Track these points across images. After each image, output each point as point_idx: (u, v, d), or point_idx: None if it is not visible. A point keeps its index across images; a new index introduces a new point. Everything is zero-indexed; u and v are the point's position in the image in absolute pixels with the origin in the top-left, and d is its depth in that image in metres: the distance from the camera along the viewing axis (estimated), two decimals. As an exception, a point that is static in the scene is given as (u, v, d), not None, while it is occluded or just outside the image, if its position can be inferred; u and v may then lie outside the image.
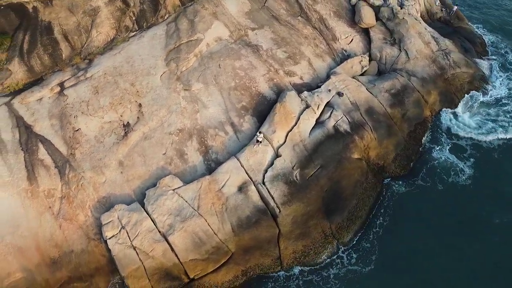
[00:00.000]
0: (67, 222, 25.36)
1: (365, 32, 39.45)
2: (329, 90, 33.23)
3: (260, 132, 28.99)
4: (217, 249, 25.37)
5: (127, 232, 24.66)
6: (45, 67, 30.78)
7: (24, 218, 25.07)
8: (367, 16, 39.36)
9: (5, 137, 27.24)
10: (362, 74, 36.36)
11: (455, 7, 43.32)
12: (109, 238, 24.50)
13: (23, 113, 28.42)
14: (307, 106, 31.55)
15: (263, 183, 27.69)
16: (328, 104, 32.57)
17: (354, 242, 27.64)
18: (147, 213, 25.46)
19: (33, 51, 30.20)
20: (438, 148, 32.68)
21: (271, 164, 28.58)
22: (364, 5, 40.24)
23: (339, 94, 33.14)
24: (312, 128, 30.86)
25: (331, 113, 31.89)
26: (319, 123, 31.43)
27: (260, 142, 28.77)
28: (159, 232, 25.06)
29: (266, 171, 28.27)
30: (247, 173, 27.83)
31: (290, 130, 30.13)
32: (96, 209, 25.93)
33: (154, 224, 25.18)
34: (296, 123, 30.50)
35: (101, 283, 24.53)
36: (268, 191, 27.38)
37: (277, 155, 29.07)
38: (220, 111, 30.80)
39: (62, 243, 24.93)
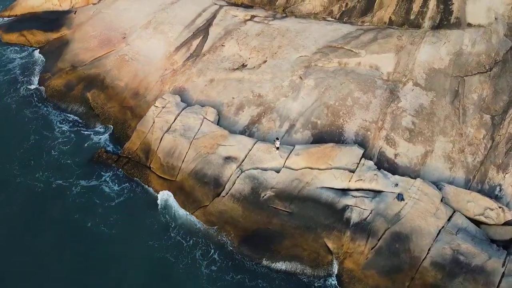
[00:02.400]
0: (161, 82, 36.04)
1: (559, 199, 26.88)
2: (396, 185, 27.45)
3: (277, 138, 29.13)
4: (172, 168, 30.62)
5: (161, 111, 33.18)
6: (261, 3, 39.53)
7: (154, 63, 37.37)
8: None
9: (197, 21, 39.09)
10: (476, 222, 26.76)
11: None
12: (154, 106, 33.82)
13: (219, 16, 39.06)
14: (352, 171, 27.92)
15: (243, 171, 29.15)
16: (376, 193, 27.43)
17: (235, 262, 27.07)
18: (179, 113, 32.78)
19: (260, -11, 39.17)
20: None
21: (265, 170, 29.02)
22: None
23: (399, 196, 27.00)
24: (329, 187, 27.78)
25: (363, 198, 27.12)
26: (342, 191, 27.69)
27: (277, 148, 29.17)
28: (168, 127, 32.26)
29: (256, 168, 29.19)
30: (245, 156, 29.76)
31: (312, 168, 28.44)
32: (175, 89, 35.16)
33: (173, 121, 32.44)
34: (323, 170, 28.25)
35: (133, 123, 34.84)
36: (236, 178, 28.90)
37: (278, 171, 28.93)
38: (297, 110, 31.82)
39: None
